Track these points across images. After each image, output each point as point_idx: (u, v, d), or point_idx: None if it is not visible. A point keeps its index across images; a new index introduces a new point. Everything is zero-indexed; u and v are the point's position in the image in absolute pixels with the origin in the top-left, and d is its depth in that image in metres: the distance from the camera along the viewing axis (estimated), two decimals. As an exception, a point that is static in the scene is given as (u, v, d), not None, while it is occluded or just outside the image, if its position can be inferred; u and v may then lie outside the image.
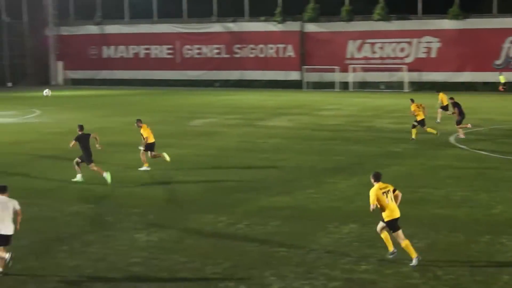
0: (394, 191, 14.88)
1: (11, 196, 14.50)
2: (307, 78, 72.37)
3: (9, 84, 78.54)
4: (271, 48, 74.09)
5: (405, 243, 14.59)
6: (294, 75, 73.28)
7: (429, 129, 32.97)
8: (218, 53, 75.74)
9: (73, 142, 23.91)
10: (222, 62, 75.35)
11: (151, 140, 25.79)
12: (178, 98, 61.54)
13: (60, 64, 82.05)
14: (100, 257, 15.31)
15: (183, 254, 15.46)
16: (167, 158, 26.08)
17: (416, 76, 68.84)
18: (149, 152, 25.91)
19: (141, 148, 25.87)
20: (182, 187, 22.96)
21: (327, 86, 70.53)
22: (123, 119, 41.88)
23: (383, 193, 14.67)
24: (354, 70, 70.75)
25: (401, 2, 68.88)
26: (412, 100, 34.41)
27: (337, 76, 70.88)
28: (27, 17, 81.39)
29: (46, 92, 39.73)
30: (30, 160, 28.59)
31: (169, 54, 77.37)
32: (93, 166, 23.46)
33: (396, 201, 14.80)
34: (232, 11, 74.40)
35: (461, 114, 33.40)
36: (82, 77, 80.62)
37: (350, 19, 71.16)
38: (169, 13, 76.47)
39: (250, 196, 21.47)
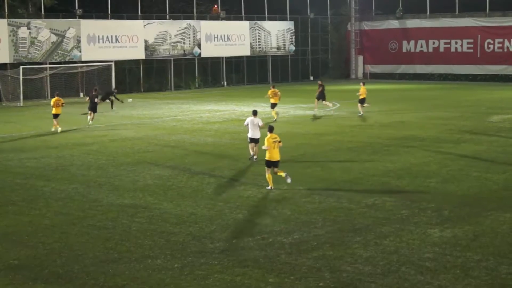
0: (279, 142, 21.66)
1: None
2: None
3: (311, 78, 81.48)
4: None
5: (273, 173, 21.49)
6: None
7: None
8: (520, 47, 72.75)
9: None
10: (524, 56, 72.26)
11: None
12: (477, 93, 60.10)
13: (360, 58, 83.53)
14: (393, 250, 15.56)
15: (477, 252, 15.25)
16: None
17: None
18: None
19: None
20: (478, 184, 22.53)
21: None
22: (418, 114, 41.80)
23: (274, 142, 21.41)
24: None
25: None
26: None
27: None
28: (330, 13, 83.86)
29: (130, 100, 44.11)
30: (329, 151, 29.61)
31: (469, 48, 75.60)
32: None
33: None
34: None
35: None
36: (381, 71, 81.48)
37: None
38: (471, 7, 74.71)
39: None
